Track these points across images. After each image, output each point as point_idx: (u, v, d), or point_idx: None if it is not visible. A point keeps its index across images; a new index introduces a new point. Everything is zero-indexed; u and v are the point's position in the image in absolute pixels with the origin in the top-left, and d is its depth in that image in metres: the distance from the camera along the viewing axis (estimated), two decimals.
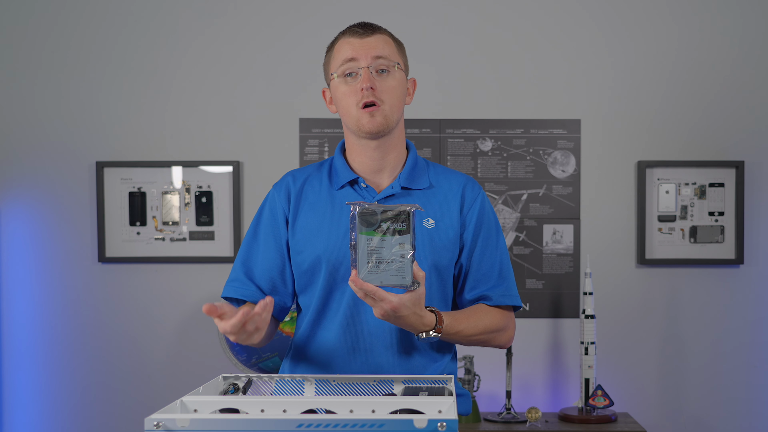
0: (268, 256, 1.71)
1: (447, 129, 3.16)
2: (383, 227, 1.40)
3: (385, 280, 1.42)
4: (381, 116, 1.64)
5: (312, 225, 1.69)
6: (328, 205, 1.70)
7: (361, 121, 1.65)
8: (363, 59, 1.64)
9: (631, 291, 3.14)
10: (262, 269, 1.72)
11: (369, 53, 1.64)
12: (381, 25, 1.71)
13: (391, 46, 1.68)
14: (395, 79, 1.66)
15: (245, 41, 3.17)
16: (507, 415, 2.95)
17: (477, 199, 1.72)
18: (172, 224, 3.16)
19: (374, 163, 1.71)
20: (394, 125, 1.68)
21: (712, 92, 3.14)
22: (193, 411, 1.20)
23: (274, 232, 1.72)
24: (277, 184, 1.76)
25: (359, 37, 1.66)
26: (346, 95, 1.66)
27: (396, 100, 1.66)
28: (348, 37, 1.67)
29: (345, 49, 1.66)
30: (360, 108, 1.64)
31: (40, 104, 3.17)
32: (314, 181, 1.74)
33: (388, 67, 1.65)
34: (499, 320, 1.70)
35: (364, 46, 1.65)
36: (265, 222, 1.74)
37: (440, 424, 1.02)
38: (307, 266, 1.68)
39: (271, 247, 1.71)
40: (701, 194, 3.13)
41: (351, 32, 1.67)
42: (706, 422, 3.13)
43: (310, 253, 1.67)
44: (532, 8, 3.16)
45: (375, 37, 1.66)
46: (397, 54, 1.69)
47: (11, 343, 3.15)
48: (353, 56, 1.64)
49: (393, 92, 1.66)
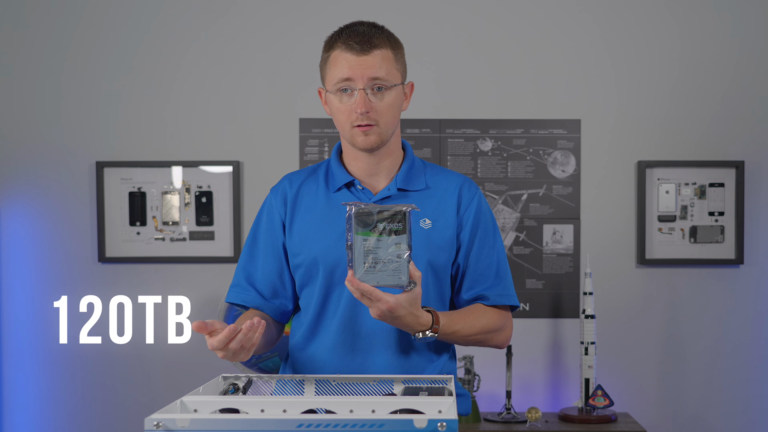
0: (268, 260, 1.72)
1: (447, 129, 3.16)
2: (379, 227, 1.40)
3: (381, 280, 1.42)
4: (375, 135, 1.63)
5: (309, 227, 1.69)
6: (324, 207, 1.70)
7: (356, 139, 1.64)
8: (359, 80, 1.59)
9: (631, 291, 3.14)
10: (262, 274, 1.72)
11: (365, 74, 1.59)
12: (380, 26, 1.66)
13: (390, 61, 1.62)
14: (391, 97, 1.63)
15: (245, 41, 3.17)
16: (507, 415, 2.95)
17: (474, 198, 1.72)
18: (172, 224, 3.16)
19: (370, 168, 1.70)
20: (389, 137, 1.67)
21: (712, 92, 3.13)
22: (193, 411, 1.20)
23: (271, 238, 1.72)
24: (274, 189, 1.76)
25: (356, 54, 1.59)
26: (341, 111, 1.63)
27: (390, 117, 1.64)
28: (344, 52, 1.60)
29: (341, 66, 1.61)
30: (354, 126, 1.62)
31: (40, 104, 3.16)
32: (311, 184, 1.74)
33: (384, 86, 1.61)
34: (496, 320, 1.70)
35: (360, 66, 1.59)
36: (264, 227, 1.74)
37: (440, 424, 1.02)
38: (304, 268, 1.68)
39: (269, 252, 1.72)
40: (701, 194, 3.13)
41: (348, 46, 1.60)
42: (706, 422, 3.13)
43: (307, 255, 1.67)
44: (532, 8, 3.16)
45: (372, 54, 1.60)
46: (395, 68, 1.64)
47: (11, 343, 3.15)
48: (349, 76, 1.60)
49: (389, 111, 1.63)
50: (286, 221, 1.71)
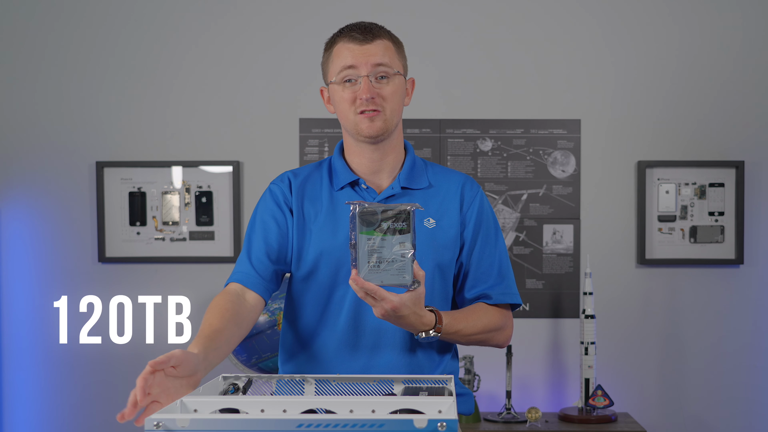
0: (267, 229, 1.68)
1: (447, 129, 3.16)
2: (383, 227, 1.40)
3: (385, 279, 1.41)
4: (381, 121, 1.64)
5: (313, 225, 1.68)
6: (329, 205, 1.69)
7: (360, 126, 1.64)
8: (363, 67, 1.62)
9: (631, 291, 3.14)
10: (258, 246, 1.68)
11: (369, 61, 1.62)
12: (380, 25, 1.69)
13: (391, 51, 1.66)
14: (395, 84, 1.65)
15: (245, 41, 3.17)
16: (507, 415, 2.95)
17: (476, 197, 1.73)
18: (172, 224, 3.16)
19: (373, 164, 1.71)
20: (393, 128, 1.68)
21: (712, 92, 3.13)
22: (193, 411, 1.20)
23: (273, 214, 1.69)
24: (277, 180, 1.74)
25: (359, 44, 1.63)
26: (345, 101, 1.65)
27: (395, 105, 1.66)
28: (347, 42, 1.65)
29: (344, 55, 1.64)
30: (358, 113, 1.63)
31: (40, 104, 3.16)
32: (314, 179, 1.74)
33: (387, 74, 1.64)
34: (497, 319, 1.70)
35: (363, 54, 1.63)
36: (265, 208, 1.71)
37: (440, 424, 1.02)
38: (308, 267, 1.67)
39: (270, 226, 1.68)
40: (701, 194, 3.13)
41: (350, 37, 1.65)
42: (707, 422, 3.13)
43: (311, 253, 1.67)
44: (532, 8, 3.16)
45: (375, 43, 1.64)
46: (397, 59, 1.67)
47: (11, 343, 3.15)
48: (353, 64, 1.63)
49: (392, 98, 1.65)
50: (293, 206, 1.69)
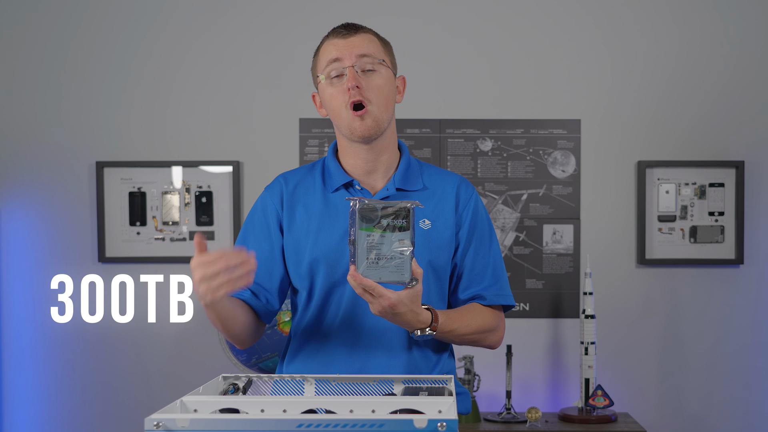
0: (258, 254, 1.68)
1: (447, 129, 3.16)
2: (383, 224, 1.40)
3: (383, 276, 1.41)
4: (371, 119, 1.63)
5: (309, 227, 1.68)
6: (323, 207, 1.69)
7: (353, 126, 1.64)
8: (347, 58, 1.63)
9: (631, 291, 3.14)
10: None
11: (353, 52, 1.63)
12: (367, 26, 1.70)
13: (376, 44, 1.67)
14: (382, 77, 1.65)
15: (246, 42, 3.17)
16: (507, 415, 2.95)
17: (471, 198, 1.73)
18: (172, 224, 3.16)
19: (367, 164, 1.70)
20: (386, 126, 1.67)
21: (712, 92, 3.14)
22: (193, 411, 1.20)
23: (264, 233, 1.70)
24: (269, 187, 1.75)
25: (343, 38, 1.65)
26: (334, 97, 1.65)
27: (384, 99, 1.65)
28: (332, 39, 1.67)
29: (329, 50, 1.66)
30: (349, 109, 1.63)
31: (40, 104, 3.17)
32: (307, 183, 1.73)
33: (373, 65, 1.64)
34: (491, 320, 1.71)
35: (347, 46, 1.64)
36: (257, 223, 1.72)
37: (440, 424, 1.02)
38: (305, 268, 1.67)
39: (262, 247, 1.69)
40: (701, 194, 3.13)
41: (335, 33, 1.67)
42: (707, 422, 3.13)
43: (308, 255, 1.66)
44: (532, 8, 3.16)
45: (359, 36, 1.65)
46: (383, 52, 1.68)
47: (11, 343, 3.15)
48: (338, 56, 1.64)
49: (380, 91, 1.64)
50: (283, 220, 1.70)
